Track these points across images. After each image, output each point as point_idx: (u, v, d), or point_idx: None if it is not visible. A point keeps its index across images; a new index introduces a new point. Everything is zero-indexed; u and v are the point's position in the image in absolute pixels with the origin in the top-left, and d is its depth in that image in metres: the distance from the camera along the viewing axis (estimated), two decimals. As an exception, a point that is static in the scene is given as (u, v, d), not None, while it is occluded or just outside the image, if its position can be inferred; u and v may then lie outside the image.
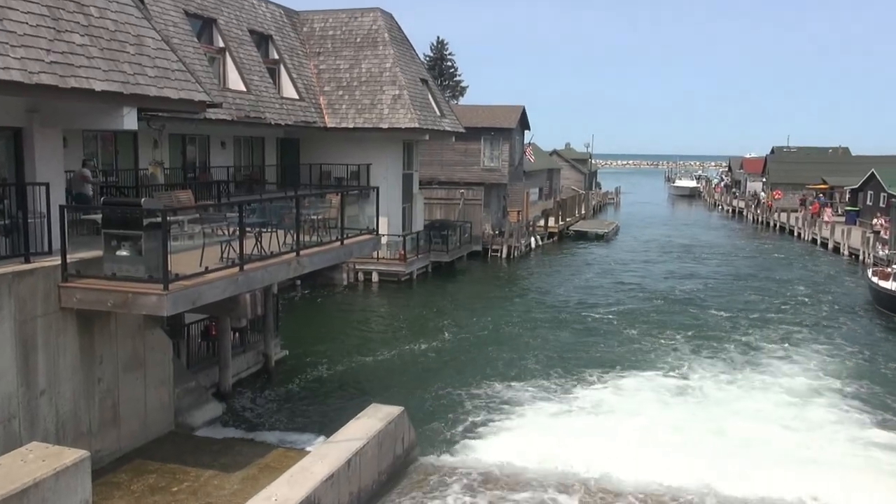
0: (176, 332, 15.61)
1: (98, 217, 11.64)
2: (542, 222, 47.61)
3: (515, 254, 39.81)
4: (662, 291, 31.04)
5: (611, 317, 25.95)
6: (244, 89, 24.95)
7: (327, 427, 14.28)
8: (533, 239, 43.81)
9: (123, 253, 10.46)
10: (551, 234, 47.58)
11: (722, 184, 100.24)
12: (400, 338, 22.81)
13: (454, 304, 28.31)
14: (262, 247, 12.23)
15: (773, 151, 79.11)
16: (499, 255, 39.48)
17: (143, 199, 11.75)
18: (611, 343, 22.34)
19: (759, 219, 62.77)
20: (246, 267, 11.53)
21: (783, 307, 28.34)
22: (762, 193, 71.26)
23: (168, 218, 10.42)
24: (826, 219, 50.24)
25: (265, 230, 12.82)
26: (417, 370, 19.60)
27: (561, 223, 49.61)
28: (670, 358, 20.85)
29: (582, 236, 50.29)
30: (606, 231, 51.08)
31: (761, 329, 24.58)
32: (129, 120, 12.09)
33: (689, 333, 23.66)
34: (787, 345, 22.64)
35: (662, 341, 22.62)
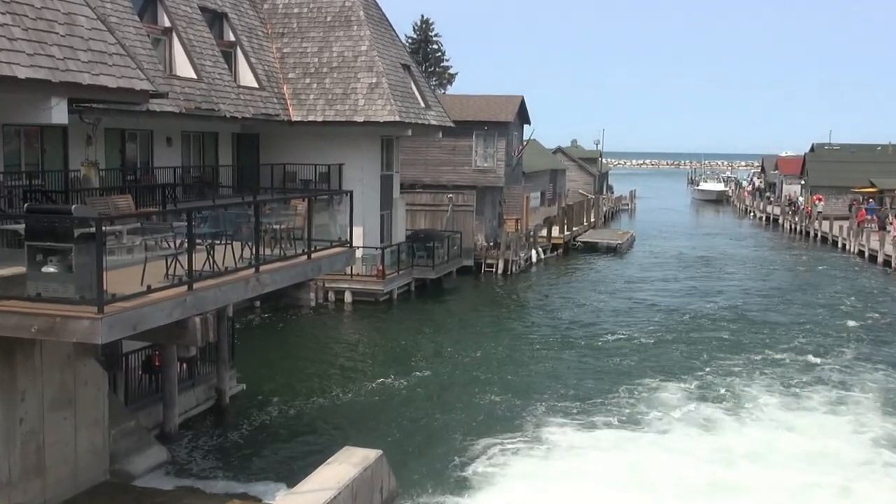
0: (112, 363, 15.50)
1: (21, 227, 11.57)
2: (544, 232, 47.76)
3: (513, 269, 39.89)
4: (688, 314, 31.15)
5: (627, 346, 25.95)
6: (194, 76, 24.95)
7: (292, 474, 14.21)
8: (534, 252, 43.93)
9: (50, 269, 10.38)
10: (555, 246, 47.73)
11: (750, 187, 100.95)
12: (378, 369, 22.77)
13: (441, 330, 28.30)
14: (214, 262, 12.20)
15: (812, 149, 79.79)
16: (494, 270, 39.54)
17: (73, 206, 11.69)
18: (627, 378, 22.28)
19: (797, 228, 63.29)
20: (196, 285, 11.49)
21: (828, 332, 28.45)
22: (800, 198, 71.81)
23: (104, 228, 10.37)
24: (894, 233, 49.05)
25: (219, 242, 12.78)
26: (398, 408, 19.55)
27: (567, 233, 49.83)
28: (704, 396, 20.75)
29: (591, 248, 50.45)
30: (620, 242, 51.35)
31: (805, 357, 24.56)
32: (59, 112, 12.06)
33: (725, 365, 23.55)
34: (840, 375, 22.80)
35: (692, 375, 22.49)
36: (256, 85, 28.86)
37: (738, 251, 52.14)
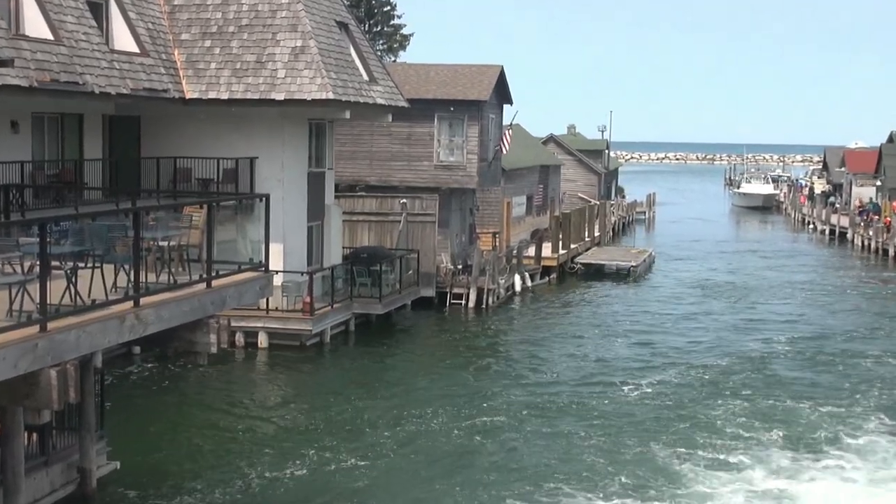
0: (-67, 433, 15.29)
1: None
2: (531, 250, 47.97)
3: (489, 302, 40.02)
4: (731, 366, 31.14)
5: (648, 417, 25.56)
6: (50, 37, 24.82)
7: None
8: (517, 277, 44.10)
9: None
10: (547, 270, 47.96)
11: (805, 189, 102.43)
12: (304, 442, 22.69)
13: (389, 387, 28.21)
14: (78, 292, 12.12)
15: (891, 139, 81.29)
16: (463, 303, 39.62)
17: None
18: (647, 463, 22.01)
19: (872, 244, 64.26)
20: (51, 325, 11.40)
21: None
22: (876, 203, 72.94)
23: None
24: None
25: (84, 265, 12.71)
26: (333, 496, 19.51)
27: (562, 252, 50.09)
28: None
29: (596, 272, 50.79)
30: (634, 264, 51.71)
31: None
32: None
33: (793, 452, 23.36)
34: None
35: (740, 461, 22.34)
36: (137, 49, 28.74)
37: (792, 276, 52.74)
